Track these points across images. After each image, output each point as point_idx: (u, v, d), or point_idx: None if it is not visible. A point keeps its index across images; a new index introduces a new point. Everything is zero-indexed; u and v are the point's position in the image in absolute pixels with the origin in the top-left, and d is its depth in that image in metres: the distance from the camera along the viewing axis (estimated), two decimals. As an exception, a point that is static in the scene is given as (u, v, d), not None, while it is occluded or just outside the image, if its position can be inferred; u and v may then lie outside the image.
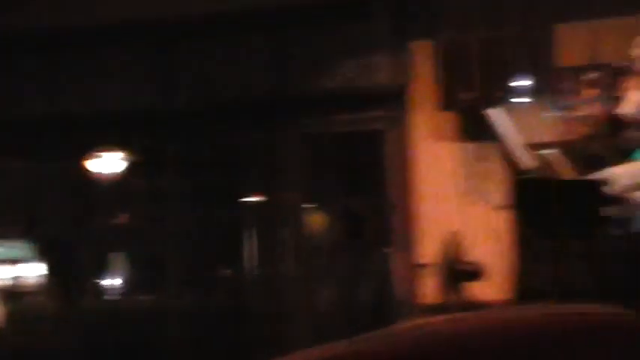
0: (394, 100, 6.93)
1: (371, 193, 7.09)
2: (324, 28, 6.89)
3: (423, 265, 6.66)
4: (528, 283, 5.23)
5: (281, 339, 6.63)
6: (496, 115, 3.65)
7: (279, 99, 6.99)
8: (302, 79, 6.96)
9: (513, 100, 5.83)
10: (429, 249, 6.61)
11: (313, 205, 7.25)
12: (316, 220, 7.27)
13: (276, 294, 6.96)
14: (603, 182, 3.33)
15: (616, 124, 4.55)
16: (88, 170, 7.32)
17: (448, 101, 6.29)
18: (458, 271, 6.13)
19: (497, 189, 6.00)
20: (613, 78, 5.27)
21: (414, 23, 6.82)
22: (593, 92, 4.78)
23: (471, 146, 6.66)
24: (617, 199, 3.44)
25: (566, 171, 3.56)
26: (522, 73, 5.73)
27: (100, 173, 7.29)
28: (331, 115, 7.08)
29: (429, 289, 6.53)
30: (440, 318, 1.27)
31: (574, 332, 1.26)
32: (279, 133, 7.13)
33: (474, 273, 6.06)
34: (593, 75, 4.68)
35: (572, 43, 6.40)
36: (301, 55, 7.00)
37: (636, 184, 3.34)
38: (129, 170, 7.38)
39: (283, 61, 7.02)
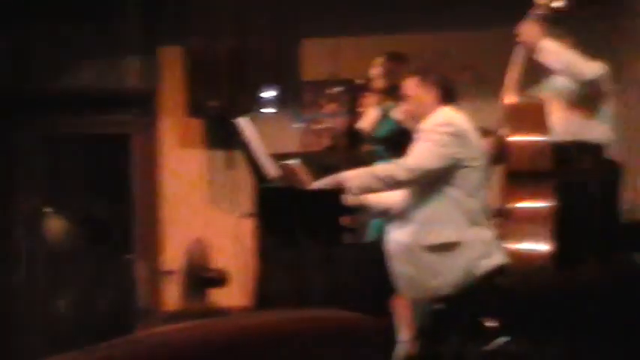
0: (142, 104, 6.83)
1: (115, 198, 6.91)
2: (70, 24, 6.62)
3: (167, 272, 6.61)
4: (270, 291, 5.35)
5: (14, 351, 6.29)
6: (242, 124, 3.69)
7: (16, 97, 6.60)
8: (42, 77, 6.64)
9: (260, 109, 5.95)
10: (173, 256, 6.57)
11: (53, 210, 6.94)
12: (56, 225, 6.97)
13: (10, 303, 6.58)
14: (340, 193, 3.47)
15: (355, 137, 4.80)
16: None
17: (196, 108, 6.29)
18: (202, 278, 6.16)
19: (244, 197, 6.09)
20: (354, 94, 5.54)
21: (163, 27, 6.76)
22: (335, 106, 5.00)
23: (218, 154, 6.70)
24: (354, 209, 3.61)
25: (308, 181, 3.67)
26: (269, 83, 5.86)
27: None
28: (75, 117, 6.82)
29: (173, 296, 6.50)
30: (181, 325, 1.27)
31: (311, 334, 1.31)
32: (16, 133, 6.74)
33: (217, 280, 6.11)
34: (335, 90, 4.89)
35: (318, 57, 6.65)
36: (42, 51, 6.67)
37: (367, 187, 3.51)
38: None
39: (22, 57, 6.65)
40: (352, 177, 3.49)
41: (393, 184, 3.50)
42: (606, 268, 3.40)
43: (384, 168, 3.57)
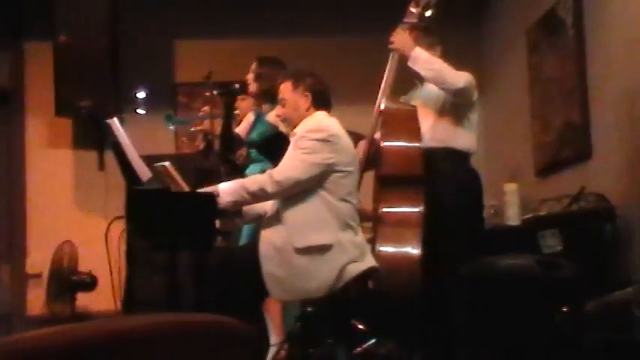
0: (6, 102, 6.60)
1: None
2: None
3: (32, 276, 6.42)
4: (139, 295, 5.27)
5: None
6: (113, 125, 3.62)
7: None
8: None
9: (132, 110, 5.85)
10: (39, 259, 6.39)
11: None
12: None
13: None
14: (214, 196, 3.46)
15: (230, 140, 4.78)
16: None
17: (64, 107, 6.11)
18: (69, 281, 5.99)
19: (114, 199, 5.98)
20: (230, 97, 5.52)
21: (30, 24, 6.55)
22: (209, 109, 4.96)
23: (88, 155, 6.56)
24: (226, 213, 3.60)
25: (180, 184, 3.64)
26: (142, 84, 5.77)
27: None
28: None
29: (38, 300, 6.31)
30: (45, 330, 1.23)
31: (180, 338, 1.30)
32: None
33: (85, 283, 5.97)
34: (210, 92, 4.85)
35: (192, 59, 6.61)
36: None
37: (239, 201, 3.52)
38: None
39: None
40: (225, 191, 3.48)
41: (263, 197, 3.52)
42: (470, 271, 3.52)
43: (254, 181, 3.56)
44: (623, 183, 4.47)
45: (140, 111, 5.64)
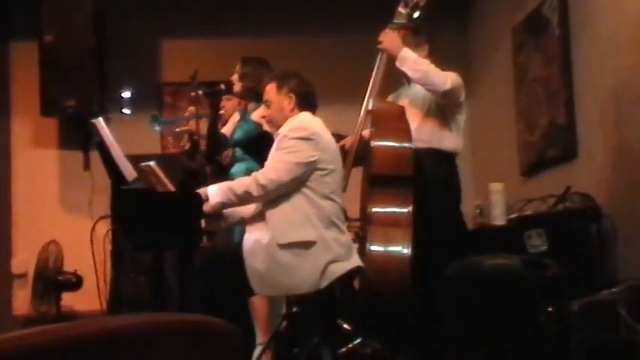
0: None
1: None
2: None
3: (17, 275, 6.40)
4: (125, 294, 5.25)
5: None
6: (99, 125, 3.61)
7: None
8: None
9: (117, 110, 5.83)
10: (24, 258, 6.37)
11: None
12: None
13: None
14: (199, 196, 3.45)
15: (217, 141, 4.78)
16: None
17: (50, 107, 6.09)
18: (54, 281, 5.97)
19: (99, 199, 5.96)
20: (215, 97, 5.52)
21: (16, 23, 6.52)
22: (196, 109, 4.96)
23: (73, 154, 6.54)
24: (210, 214, 3.59)
25: (166, 183, 3.64)
26: (127, 84, 5.76)
27: None
28: None
29: (24, 300, 6.29)
30: (30, 330, 1.23)
31: (165, 338, 1.30)
32: None
33: (70, 283, 5.95)
34: (196, 92, 4.85)
35: (179, 58, 6.60)
36: None
37: (226, 203, 3.52)
38: None
39: None
40: (213, 193, 3.50)
41: (249, 199, 3.54)
42: (456, 270, 3.53)
43: (241, 184, 3.57)
44: (608, 183, 4.49)
45: (126, 111, 5.63)
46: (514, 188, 5.46)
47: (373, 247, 3.98)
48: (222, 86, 4.63)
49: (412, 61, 4.18)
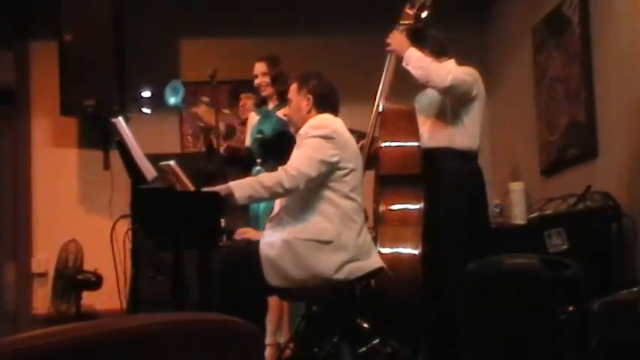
0: (12, 101, 6.61)
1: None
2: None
3: (38, 275, 6.43)
4: (145, 294, 5.27)
5: None
6: (119, 124, 3.63)
7: None
8: None
9: (137, 109, 5.85)
10: (44, 258, 6.39)
11: None
12: None
13: None
14: (219, 195, 3.46)
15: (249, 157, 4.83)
16: None
17: (69, 106, 6.11)
18: (75, 280, 6.00)
19: (119, 198, 5.98)
20: (234, 97, 5.53)
21: (36, 23, 6.56)
22: (210, 99, 4.98)
23: (93, 154, 6.56)
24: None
25: (186, 183, 3.64)
26: (147, 83, 5.77)
27: None
28: None
29: (44, 299, 6.32)
30: (50, 329, 1.23)
31: (184, 338, 1.31)
32: None
33: (90, 282, 5.97)
34: (215, 92, 4.86)
35: (198, 58, 6.61)
36: None
37: (254, 196, 3.53)
38: None
39: None
40: (240, 187, 3.49)
41: (279, 191, 3.52)
42: (476, 270, 3.51)
43: (269, 176, 3.58)
44: (629, 182, 4.46)
45: (145, 110, 5.64)
46: (534, 187, 5.43)
47: (384, 246, 3.98)
48: (242, 85, 4.64)
49: (416, 59, 4.19)
